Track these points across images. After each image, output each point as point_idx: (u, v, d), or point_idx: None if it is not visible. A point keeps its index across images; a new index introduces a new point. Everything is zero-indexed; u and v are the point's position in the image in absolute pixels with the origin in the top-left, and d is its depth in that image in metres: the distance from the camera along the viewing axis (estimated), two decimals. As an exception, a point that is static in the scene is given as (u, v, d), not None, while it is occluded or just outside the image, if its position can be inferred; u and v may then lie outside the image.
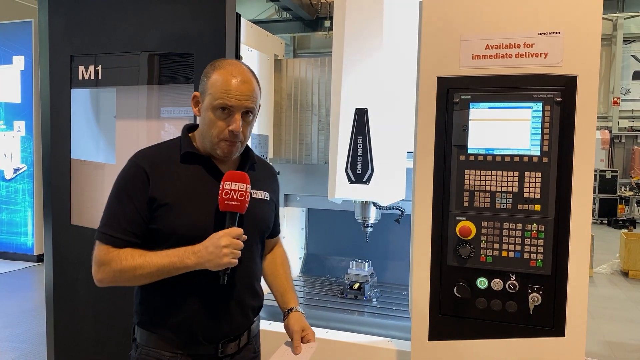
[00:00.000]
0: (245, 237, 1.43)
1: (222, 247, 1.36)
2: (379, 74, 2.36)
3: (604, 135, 14.38)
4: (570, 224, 1.62)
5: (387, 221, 2.75)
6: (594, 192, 11.52)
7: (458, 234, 1.71)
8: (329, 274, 3.14)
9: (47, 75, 2.49)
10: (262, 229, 1.63)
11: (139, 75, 2.26)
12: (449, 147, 1.74)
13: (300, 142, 3.18)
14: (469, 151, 1.72)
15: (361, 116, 2.40)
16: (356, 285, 2.58)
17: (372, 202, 2.51)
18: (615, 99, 17.22)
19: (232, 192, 1.42)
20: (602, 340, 4.30)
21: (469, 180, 1.72)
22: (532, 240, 1.65)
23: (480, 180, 1.71)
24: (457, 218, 1.73)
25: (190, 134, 1.59)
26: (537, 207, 1.65)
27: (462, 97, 1.72)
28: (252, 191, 1.50)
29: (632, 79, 17.56)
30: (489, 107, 1.70)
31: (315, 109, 3.13)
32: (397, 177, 2.46)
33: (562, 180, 1.62)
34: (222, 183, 1.45)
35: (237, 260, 1.40)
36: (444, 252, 1.75)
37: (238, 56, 2.18)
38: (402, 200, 2.55)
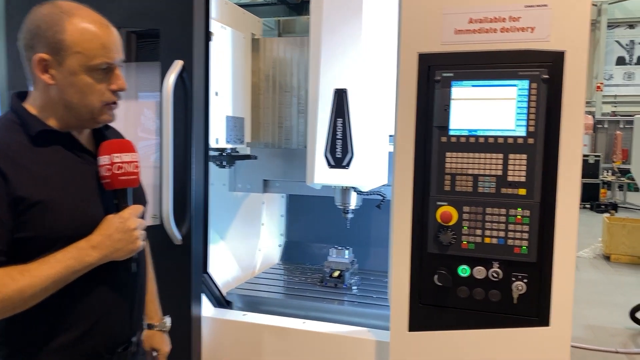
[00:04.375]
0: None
1: (132, 230, 1.19)
2: (359, 53, 2.25)
3: (587, 120, 14.43)
4: (557, 208, 1.54)
5: (368, 207, 2.66)
6: (577, 176, 11.55)
7: (439, 220, 1.62)
8: (310, 261, 3.05)
9: (4, 56, 2.33)
10: (144, 204, 1.41)
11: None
12: (430, 128, 1.64)
13: (279, 125, 3.06)
14: (451, 132, 1.62)
15: (340, 97, 2.29)
16: (336, 273, 2.50)
17: (353, 188, 2.42)
18: (598, 84, 17.32)
19: (125, 164, 1.22)
20: (584, 325, 4.30)
21: (451, 163, 1.63)
22: (517, 226, 1.57)
23: (462, 163, 1.62)
24: (438, 203, 1.64)
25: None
26: (522, 191, 1.57)
27: (443, 74, 1.62)
28: None
29: (616, 64, 17.66)
30: (472, 86, 1.60)
31: (295, 90, 3.01)
32: (379, 162, 2.36)
33: (548, 162, 1.54)
34: (102, 157, 1.23)
35: (145, 242, 1.25)
36: (424, 239, 1.66)
37: (208, 33, 2.05)
38: (385, 185, 2.45)
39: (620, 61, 17.63)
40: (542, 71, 1.53)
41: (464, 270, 1.63)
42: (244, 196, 3.22)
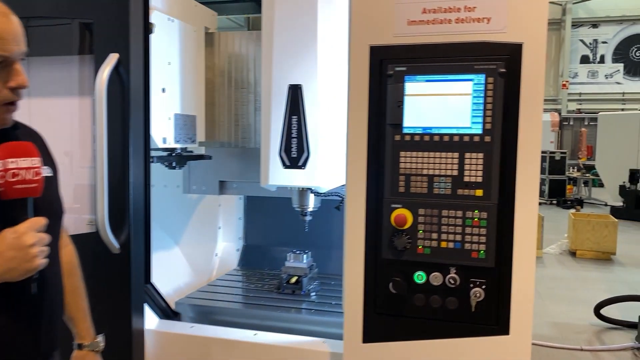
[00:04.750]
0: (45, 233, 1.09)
1: (29, 246, 1.04)
2: (315, 46, 2.13)
3: (554, 117, 14.72)
4: (515, 210, 1.45)
5: (329, 208, 2.55)
6: (544, 173, 11.76)
7: (393, 224, 1.52)
8: (269, 266, 2.92)
9: None
10: (58, 215, 1.27)
11: (29, 46, 1.93)
12: (384, 125, 1.54)
13: (236, 123, 2.92)
14: (405, 130, 1.52)
15: (295, 93, 2.17)
16: (293, 279, 2.38)
17: (310, 189, 2.30)
18: (564, 82, 17.68)
19: (23, 171, 1.06)
20: (550, 322, 4.29)
21: (405, 163, 1.53)
22: (474, 229, 1.48)
23: (416, 162, 1.52)
24: (392, 206, 1.54)
25: None
26: (479, 192, 1.47)
27: (396, 69, 1.51)
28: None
29: (580, 63, 18.05)
30: (426, 81, 1.50)
31: (252, 87, 2.87)
32: (337, 161, 2.25)
33: (506, 161, 1.45)
34: None
35: (47, 260, 1.09)
36: (379, 243, 1.56)
37: (147, 24, 1.89)
38: (344, 185, 2.34)
39: (585, 60, 18.04)
40: (499, 65, 1.44)
41: (419, 277, 1.53)
42: (199, 198, 3.07)
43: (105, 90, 1.70)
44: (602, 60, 17.87)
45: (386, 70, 1.52)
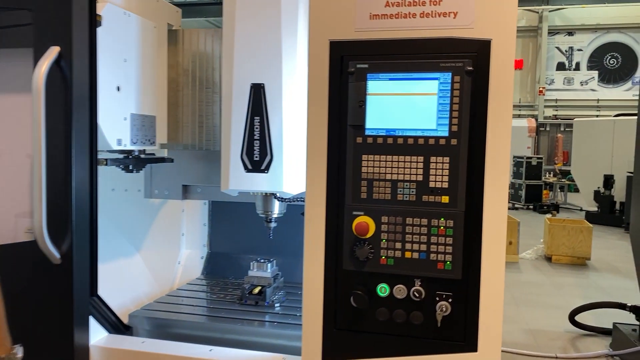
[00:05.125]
0: None
1: None
2: (278, 43, 2.02)
3: (531, 123, 14.87)
4: (484, 218, 1.35)
5: (297, 213, 2.43)
6: (521, 178, 11.84)
7: (354, 232, 1.41)
8: (234, 274, 2.79)
9: None
10: None
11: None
12: (345, 127, 1.43)
13: (200, 124, 2.78)
14: (367, 132, 1.42)
15: (257, 93, 2.06)
16: (256, 290, 2.25)
17: (274, 194, 2.18)
18: (540, 89, 17.92)
19: None
20: (525, 329, 4.24)
21: (367, 167, 1.42)
22: (440, 238, 1.38)
23: (379, 167, 1.41)
24: (354, 213, 1.43)
25: None
26: (445, 199, 1.38)
27: (358, 66, 1.41)
28: None
29: (556, 70, 18.33)
30: (390, 79, 1.40)
31: (218, 87, 2.74)
32: (303, 165, 2.13)
33: (473, 166, 1.35)
34: None
35: None
36: (339, 253, 1.45)
37: (93, 16, 1.75)
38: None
39: (561, 67, 18.32)
40: (466, 62, 1.34)
41: (383, 290, 1.42)
42: (161, 203, 2.93)
43: (44, 85, 1.55)
44: (577, 67, 18.17)
45: (347, 67, 1.41)
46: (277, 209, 2.26)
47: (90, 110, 1.73)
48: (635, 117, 9.86)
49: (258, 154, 2.06)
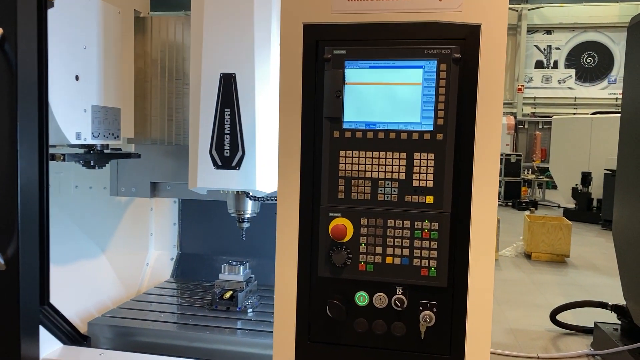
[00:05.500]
0: None
1: None
2: (250, 30, 1.87)
3: (510, 120, 14.97)
4: (471, 220, 1.24)
5: (271, 211, 2.29)
6: (500, 175, 11.87)
7: (331, 236, 1.28)
8: (206, 277, 2.64)
9: None
10: None
11: None
12: (320, 120, 1.30)
13: (170, 118, 2.63)
14: (345, 126, 1.29)
15: (228, 83, 1.91)
16: (227, 295, 2.11)
17: (246, 193, 2.04)
18: (519, 87, 18.06)
19: None
20: (506, 329, 4.18)
21: (345, 164, 1.29)
22: (424, 242, 1.26)
23: (358, 164, 1.28)
24: (330, 214, 1.30)
25: None
26: (430, 199, 1.25)
27: (335, 52, 1.27)
28: None
29: (535, 68, 18.49)
30: (370, 67, 1.27)
31: (189, 77, 2.59)
32: (277, 161, 2.00)
33: (460, 163, 1.24)
34: None
35: None
36: (314, 259, 1.32)
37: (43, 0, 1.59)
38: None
39: (539, 65, 18.48)
40: (453, 49, 1.22)
41: (361, 298, 1.30)
42: (128, 201, 2.76)
43: (-17, 71, 1.39)
44: (555, 65, 18.35)
45: (323, 54, 1.28)
46: (250, 208, 2.12)
47: (39, 100, 1.56)
48: (612, 115, 9.93)
49: (228, 149, 1.91)
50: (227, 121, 1.91)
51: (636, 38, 3.15)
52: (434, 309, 1.27)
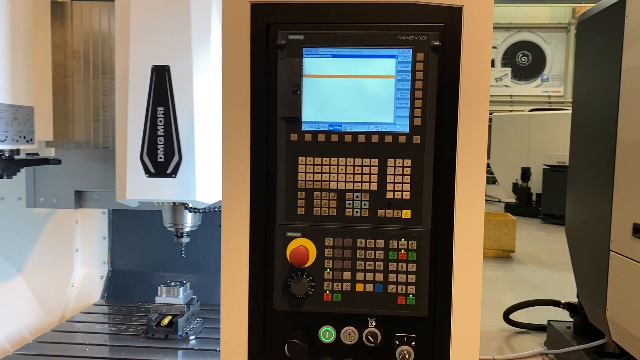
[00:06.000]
0: None
1: None
2: (186, 13, 1.61)
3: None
4: (455, 237, 1.05)
5: (215, 220, 2.04)
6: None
7: (289, 260, 1.05)
8: (142, 297, 2.34)
9: None
10: None
11: None
12: (274, 120, 1.07)
13: (95, 118, 2.31)
14: (304, 127, 1.06)
15: (161, 77, 1.64)
16: (166, 320, 1.84)
17: (184, 204, 1.78)
18: (459, 84, 18.49)
19: None
20: (461, 330, 4.11)
21: (305, 173, 1.07)
22: (400, 264, 1.06)
23: (321, 172, 1.06)
24: (288, 235, 1.07)
25: None
26: (406, 214, 1.06)
27: (290, 37, 1.05)
28: None
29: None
30: (333, 56, 1.05)
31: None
32: (220, 167, 1.75)
33: (441, 170, 1.05)
34: None
35: None
36: (269, 289, 1.09)
37: None
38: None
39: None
40: (432, 35, 1.03)
41: (327, 334, 1.08)
42: (49, 214, 2.41)
43: None
44: (492, 64, 18.93)
45: (275, 39, 1.05)
46: (189, 221, 1.86)
47: None
48: (549, 112, 10.28)
49: (163, 154, 1.64)
50: (160, 121, 1.64)
51: (585, 34, 3.12)
52: (413, 343, 1.07)
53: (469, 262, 1.04)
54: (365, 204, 1.06)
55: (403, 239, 1.06)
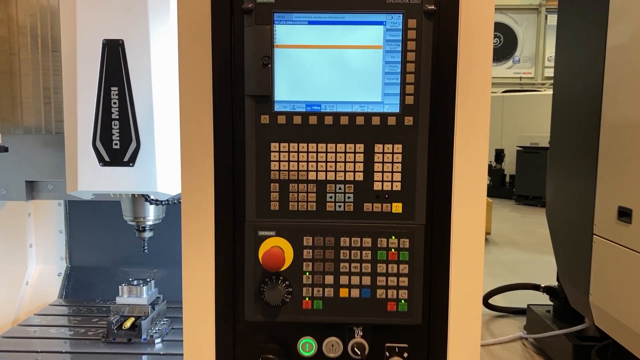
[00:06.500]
0: None
1: None
2: (141, -16, 1.42)
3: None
4: (452, 234, 0.91)
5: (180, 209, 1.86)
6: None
7: (262, 264, 0.90)
8: (104, 295, 2.16)
9: None
10: None
11: None
12: (241, 99, 0.91)
13: (46, 100, 2.10)
14: (277, 107, 0.90)
15: (113, 53, 1.45)
16: (128, 323, 1.67)
17: (145, 196, 1.60)
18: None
19: None
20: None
21: (279, 161, 0.91)
22: (390, 265, 0.92)
23: (298, 161, 0.91)
24: (261, 234, 0.92)
25: None
26: (397, 207, 0.92)
27: (259, 0, 0.88)
28: None
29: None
30: (310, 22, 0.89)
31: (68, 50, 2.05)
32: (185, 153, 1.57)
33: (438, 157, 0.90)
34: None
35: None
36: (239, 298, 0.94)
37: None
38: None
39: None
40: (426, -2, 0.87)
41: (307, 347, 0.94)
42: (-3, 207, 2.19)
43: None
44: (465, 46, 18.92)
45: (241, 3, 0.88)
46: (152, 214, 1.68)
47: None
48: (522, 93, 10.30)
49: (118, 140, 1.46)
50: (114, 103, 1.45)
51: (567, 12, 3.02)
52: (405, 354, 0.94)
53: (468, 262, 0.91)
54: (349, 197, 0.91)
55: (393, 237, 0.91)
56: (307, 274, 0.92)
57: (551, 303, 3.49)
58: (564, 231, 3.08)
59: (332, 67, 0.89)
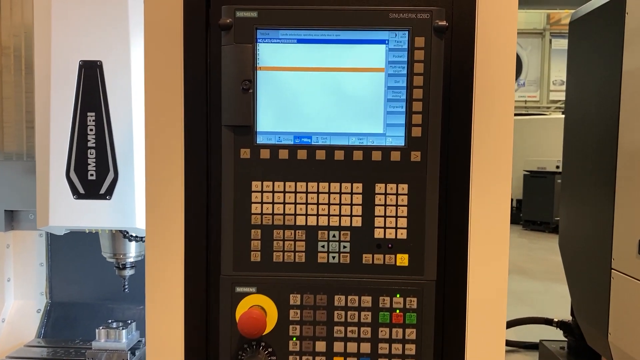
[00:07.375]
0: None
1: None
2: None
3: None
4: (469, 293, 0.76)
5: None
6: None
7: (240, 328, 0.74)
8: (86, 334, 1.99)
9: None
10: None
11: None
12: (217, 129, 0.77)
13: (29, 124, 1.99)
14: (260, 139, 0.76)
15: (91, 75, 1.32)
16: (104, 372, 1.51)
17: (124, 232, 1.46)
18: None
19: None
20: (447, 349, 3.86)
21: (262, 203, 0.77)
22: (394, 330, 0.76)
23: (284, 203, 0.76)
24: (238, 290, 0.77)
25: None
26: (402, 259, 0.76)
27: (239, 14, 0.75)
28: None
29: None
30: (299, 41, 0.75)
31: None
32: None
33: (450, 199, 0.76)
34: None
35: None
36: (213, 365, 0.78)
37: None
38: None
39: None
40: (435, 13, 0.74)
41: None
42: (-28, 238, 2.05)
43: None
44: (470, 69, 19.00)
45: (218, 17, 0.75)
46: (133, 250, 1.53)
47: None
48: (528, 117, 10.23)
49: (94, 170, 1.32)
50: (90, 130, 1.32)
51: (577, 35, 2.91)
52: None
53: (488, 325, 0.75)
54: (345, 247, 0.76)
55: (398, 295, 0.76)
56: (294, 339, 0.76)
57: (565, 339, 3.29)
58: (579, 263, 2.90)
59: (325, 93, 0.75)
